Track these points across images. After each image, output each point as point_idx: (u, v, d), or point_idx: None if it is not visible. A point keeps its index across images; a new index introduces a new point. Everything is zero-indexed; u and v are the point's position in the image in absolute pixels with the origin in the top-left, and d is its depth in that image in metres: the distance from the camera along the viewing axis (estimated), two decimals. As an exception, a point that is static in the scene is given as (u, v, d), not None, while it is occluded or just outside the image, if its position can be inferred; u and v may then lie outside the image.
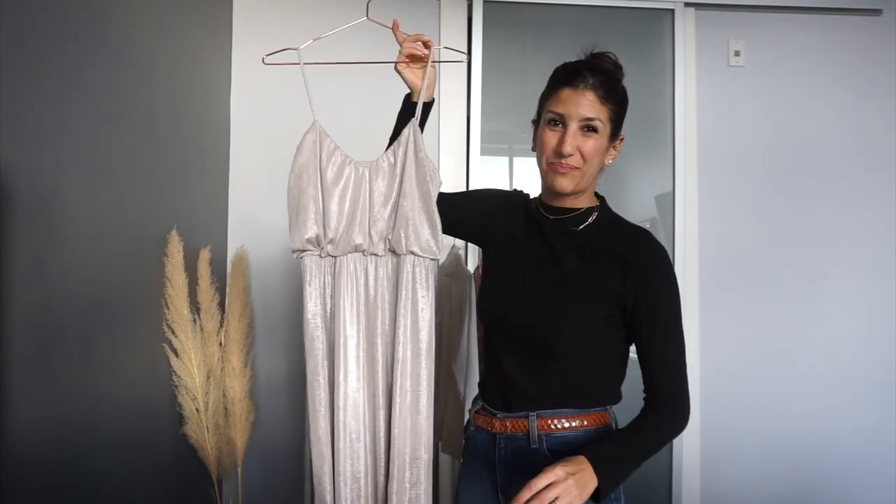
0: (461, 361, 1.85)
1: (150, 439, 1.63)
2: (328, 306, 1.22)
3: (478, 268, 1.95)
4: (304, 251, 1.21)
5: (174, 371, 1.68)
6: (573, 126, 1.11)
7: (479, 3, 2.33)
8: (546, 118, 1.15)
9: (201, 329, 1.76)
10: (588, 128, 1.12)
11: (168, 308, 1.64)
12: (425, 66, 1.24)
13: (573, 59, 1.18)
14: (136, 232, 1.53)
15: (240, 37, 2.29)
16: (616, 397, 1.21)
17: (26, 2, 1.10)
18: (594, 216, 1.19)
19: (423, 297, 1.19)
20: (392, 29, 1.29)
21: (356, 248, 1.21)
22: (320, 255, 1.22)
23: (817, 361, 2.39)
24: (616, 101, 1.14)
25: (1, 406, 1.03)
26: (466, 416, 1.78)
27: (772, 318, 2.38)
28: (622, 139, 1.19)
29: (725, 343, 2.37)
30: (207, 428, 1.76)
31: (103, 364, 1.38)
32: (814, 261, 2.40)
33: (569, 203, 1.19)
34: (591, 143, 1.12)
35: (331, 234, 1.20)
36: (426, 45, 1.25)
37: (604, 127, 1.12)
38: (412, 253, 1.19)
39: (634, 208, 2.42)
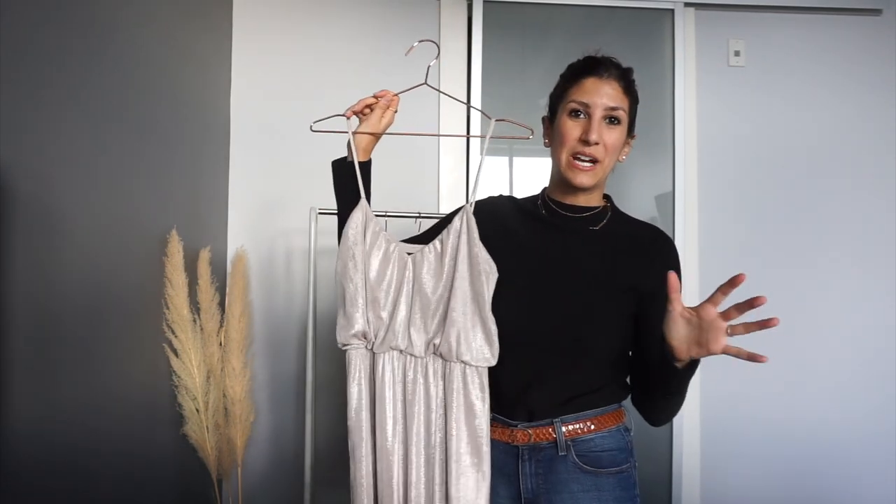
0: None
1: (150, 439, 1.62)
2: (372, 404, 1.14)
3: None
4: (348, 345, 1.13)
5: (174, 371, 1.68)
6: (598, 114, 1.10)
7: (479, 3, 2.33)
8: (567, 108, 1.13)
9: (201, 329, 1.76)
10: (611, 118, 1.11)
11: (168, 308, 1.64)
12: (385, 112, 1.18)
13: (573, 59, 1.18)
14: (136, 232, 1.53)
15: (240, 37, 2.29)
16: (627, 390, 1.22)
17: (27, 2, 1.10)
18: (609, 214, 1.20)
19: (479, 408, 1.09)
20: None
21: (394, 348, 1.13)
22: (366, 348, 1.14)
23: (818, 362, 2.38)
24: (633, 95, 1.15)
25: (1, 406, 1.03)
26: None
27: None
28: (634, 137, 1.19)
29: (725, 343, 2.37)
30: (207, 428, 1.76)
31: (103, 364, 1.38)
32: (814, 260, 2.40)
33: (582, 201, 1.19)
34: (614, 135, 1.12)
35: (375, 330, 1.13)
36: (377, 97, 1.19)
37: (625, 119, 1.13)
38: (462, 362, 1.09)
39: (634, 208, 2.40)
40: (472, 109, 2.31)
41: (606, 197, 1.24)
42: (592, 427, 1.13)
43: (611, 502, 1.12)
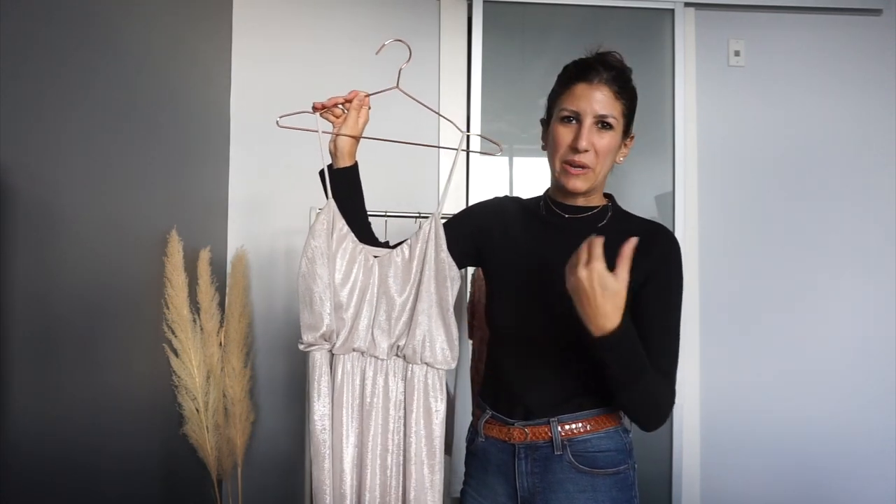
0: None
1: (150, 439, 1.63)
2: (333, 408, 1.14)
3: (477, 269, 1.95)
4: (313, 345, 1.12)
5: (174, 371, 1.68)
6: (588, 121, 1.10)
7: (479, 3, 2.33)
8: (559, 115, 1.13)
9: (201, 329, 1.76)
10: (603, 124, 1.10)
11: (168, 308, 1.64)
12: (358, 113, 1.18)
13: (574, 58, 1.17)
14: (136, 232, 1.53)
15: (240, 37, 2.29)
16: None
17: (27, 3, 1.10)
18: (610, 213, 1.20)
19: (437, 409, 1.11)
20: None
21: (355, 349, 1.13)
22: (329, 350, 1.13)
23: (818, 360, 2.38)
24: (628, 96, 1.13)
25: (1, 406, 1.03)
26: (456, 413, 1.78)
27: (772, 317, 2.38)
28: (633, 137, 1.18)
29: (725, 343, 2.37)
30: (207, 428, 1.76)
31: (103, 364, 1.38)
32: (814, 260, 2.40)
33: (582, 202, 1.19)
34: (605, 140, 1.11)
35: (337, 331, 1.12)
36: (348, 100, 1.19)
37: (617, 123, 1.12)
38: (426, 364, 1.12)
39: (634, 208, 2.37)
40: (470, 109, 2.31)
41: (609, 196, 1.24)
42: (589, 427, 1.13)
43: (607, 503, 1.12)
